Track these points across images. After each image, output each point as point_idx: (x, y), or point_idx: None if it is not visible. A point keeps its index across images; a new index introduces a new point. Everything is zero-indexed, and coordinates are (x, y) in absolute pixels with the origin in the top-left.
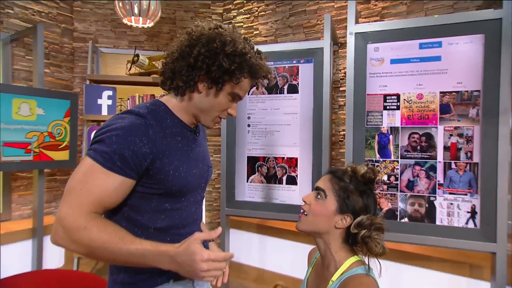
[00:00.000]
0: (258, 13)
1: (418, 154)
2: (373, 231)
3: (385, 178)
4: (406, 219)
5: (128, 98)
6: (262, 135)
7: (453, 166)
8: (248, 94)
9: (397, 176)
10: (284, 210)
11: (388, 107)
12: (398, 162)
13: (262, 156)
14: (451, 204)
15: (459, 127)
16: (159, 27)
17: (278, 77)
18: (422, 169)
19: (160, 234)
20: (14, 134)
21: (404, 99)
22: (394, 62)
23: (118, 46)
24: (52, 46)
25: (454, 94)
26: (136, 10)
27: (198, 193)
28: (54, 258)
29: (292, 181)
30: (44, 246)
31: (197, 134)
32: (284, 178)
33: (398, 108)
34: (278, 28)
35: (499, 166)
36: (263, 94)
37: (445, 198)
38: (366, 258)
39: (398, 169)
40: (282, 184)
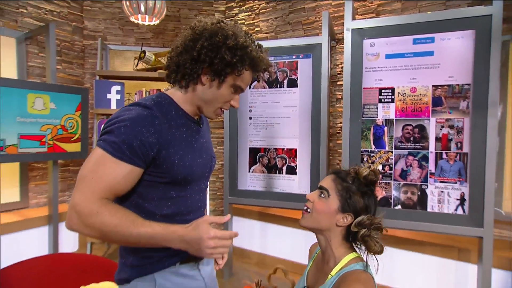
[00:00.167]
0: (259, 10)
1: (411, 145)
2: (372, 231)
3: (380, 167)
4: (399, 206)
5: (135, 93)
6: (263, 127)
7: (444, 156)
8: (249, 88)
9: (391, 165)
10: (284, 199)
11: (383, 100)
12: (392, 152)
13: (263, 147)
14: (442, 192)
15: (450, 119)
16: (165, 25)
17: (278, 71)
18: (415, 159)
19: (166, 220)
20: (30, 127)
21: (398, 93)
22: (389, 57)
23: (125, 43)
24: (63, 43)
25: (445, 87)
26: (142, 9)
27: (202, 182)
28: (69, 243)
29: (291, 171)
30: (59, 232)
31: (200, 126)
32: (284, 168)
33: (392, 101)
34: (278, 25)
35: (487, 156)
36: (264, 88)
37: (436, 187)
38: (365, 255)
39: (392, 159)
40: (282, 174)
